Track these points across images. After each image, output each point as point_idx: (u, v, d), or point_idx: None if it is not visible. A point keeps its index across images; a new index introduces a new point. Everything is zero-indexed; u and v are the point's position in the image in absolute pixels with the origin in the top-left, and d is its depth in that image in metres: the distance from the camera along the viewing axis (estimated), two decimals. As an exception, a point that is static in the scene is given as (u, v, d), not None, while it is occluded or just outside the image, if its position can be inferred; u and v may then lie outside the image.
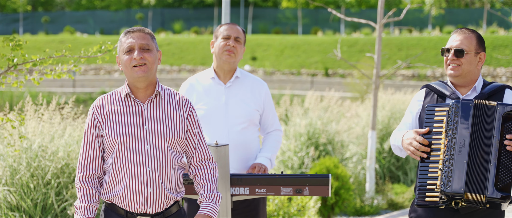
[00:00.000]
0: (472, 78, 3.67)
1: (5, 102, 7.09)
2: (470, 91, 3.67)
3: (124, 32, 3.32)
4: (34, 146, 5.73)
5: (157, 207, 3.30)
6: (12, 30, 46.53)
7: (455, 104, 3.46)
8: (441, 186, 3.40)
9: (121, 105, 3.31)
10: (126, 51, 3.27)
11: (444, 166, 3.42)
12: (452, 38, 3.68)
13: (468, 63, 3.61)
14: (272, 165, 4.40)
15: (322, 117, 8.87)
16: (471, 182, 3.37)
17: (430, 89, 3.74)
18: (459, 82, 3.68)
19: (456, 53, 3.61)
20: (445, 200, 3.42)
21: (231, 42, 4.31)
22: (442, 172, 3.41)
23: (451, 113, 3.46)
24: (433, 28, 41.16)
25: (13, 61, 4.36)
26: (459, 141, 3.41)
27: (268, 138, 4.52)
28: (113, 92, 3.36)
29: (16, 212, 5.65)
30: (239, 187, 4.01)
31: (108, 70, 35.79)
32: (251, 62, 35.23)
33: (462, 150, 3.40)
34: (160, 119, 3.31)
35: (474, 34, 3.65)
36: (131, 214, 3.30)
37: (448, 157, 3.41)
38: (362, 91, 18.61)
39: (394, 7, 40.62)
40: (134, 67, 3.24)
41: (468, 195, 3.36)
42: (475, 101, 3.45)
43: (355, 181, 8.41)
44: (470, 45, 3.62)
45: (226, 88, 4.39)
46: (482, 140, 3.41)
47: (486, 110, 3.44)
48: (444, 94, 3.66)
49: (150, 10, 47.31)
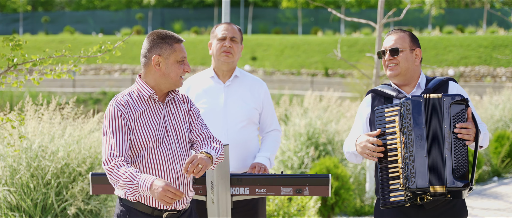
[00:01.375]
0: (412, 75, 3.72)
1: (5, 102, 7.08)
2: (415, 88, 3.72)
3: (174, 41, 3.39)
4: (34, 146, 5.73)
5: (185, 203, 3.46)
6: (12, 30, 46.54)
7: (406, 102, 3.49)
8: (405, 184, 3.43)
9: (145, 106, 3.39)
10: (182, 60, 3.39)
11: (405, 164, 3.44)
12: (386, 40, 3.75)
13: (404, 61, 3.67)
14: (271, 164, 4.40)
15: (322, 117, 8.87)
16: (433, 175, 3.40)
17: (376, 93, 3.78)
18: (400, 81, 3.72)
19: (391, 52, 3.68)
20: (410, 197, 3.46)
21: (227, 43, 4.32)
22: (403, 170, 3.44)
23: (403, 111, 3.48)
24: (433, 28, 41.16)
25: (13, 61, 4.36)
26: (416, 137, 3.44)
27: (267, 138, 4.52)
28: (129, 93, 3.40)
29: (16, 212, 5.65)
30: (239, 187, 4.01)
31: (108, 70, 35.79)
32: (251, 62, 35.23)
33: (420, 145, 3.43)
34: (178, 119, 3.46)
35: (406, 33, 3.73)
36: (159, 211, 3.37)
37: (408, 154, 3.44)
38: (362, 91, 18.61)
39: (394, 7, 40.62)
40: (182, 78, 3.43)
41: (433, 188, 3.40)
42: (424, 96, 3.48)
43: (355, 181, 8.41)
44: (404, 43, 3.69)
45: (225, 87, 4.39)
46: (435, 132, 3.45)
47: (434, 103, 3.48)
48: (391, 96, 3.71)
49: (150, 10, 47.31)
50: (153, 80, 3.38)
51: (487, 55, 30.70)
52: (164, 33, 3.39)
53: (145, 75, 3.39)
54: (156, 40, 3.37)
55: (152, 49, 3.36)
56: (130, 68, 35.72)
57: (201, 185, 4.02)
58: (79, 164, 5.77)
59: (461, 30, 38.75)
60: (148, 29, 45.88)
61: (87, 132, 6.09)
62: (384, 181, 3.53)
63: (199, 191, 4.03)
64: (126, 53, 36.31)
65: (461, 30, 38.75)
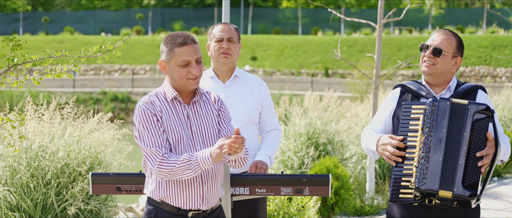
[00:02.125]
0: (444, 79, 3.71)
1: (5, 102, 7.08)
2: (444, 91, 3.71)
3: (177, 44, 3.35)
4: (34, 146, 5.73)
5: (210, 204, 3.45)
6: (12, 30, 46.55)
7: (433, 102, 3.50)
8: (416, 183, 3.43)
9: (169, 107, 3.40)
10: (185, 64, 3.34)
11: (420, 163, 3.45)
12: (433, 36, 3.71)
13: (443, 64, 3.66)
14: (271, 163, 4.41)
15: (322, 117, 8.87)
16: (443, 179, 3.41)
17: (405, 88, 3.78)
18: (432, 81, 3.72)
19: (434, 51, 3.66)
20: (419, 197, 3.46)
21: (225, 45, 4.33)
22: (417, 169, 3.45)
23: (428, 112, 3.49)
24: (433, 28, 41.16)
25: (13, 61, 4.36)
26: (436, 139, 3.45)
27: (267, 137, 4.52)
28: (155, 94, 3.44)
29: (16, 212, 5.65)
30: (239, 187, 4.01)
31: (108, 70, 35.79)
32: (251, 62, 35.23)
33: (438, 148, 3.44)
34: (205, 120, 3.45)
35: (455, 38, 3.69)
36: (183, 211, 3.40)
37: (424, 154, 3.44)
38: (362, 91, 18.61)
39: (394, 7, 40.64)
40: (189, 79, 3.36)
41: (441, 192, 3.40)
42: (452, 100, 3.49)
43: (355, 181, 8.40)
44: (450, 47, 3.66)
45: (225, 87, 4.40)
46: (454, 138, 3.45)
47: (459, 109, 3.48)
48: (419, 94, 3.71)
49: (150, 10, 47.31)
50: (172, 82, 3.42)
51: (487, 55, 30.70)
52: (169, 36, 3.38)
53: (167, 78, 3.45)
54: (162, 45, 3.41)
55: (161, 53, 3.43)
56: (130, 68, 35.72)
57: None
58: (79, 164, 5.77)
59: (461, 30, 38.75)
60: (148, 29, 45.88)
61: (87, 132, 6.09)
62: (397, 176, 3.53)
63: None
64: (126, 53, 36.31)
65: (461, 30, 38.75)
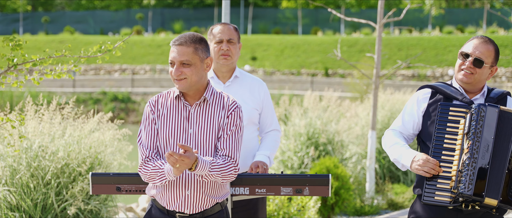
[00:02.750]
0: (480, 86, 3.69)
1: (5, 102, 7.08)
2: (478, 95, 3.68)
3: (172, 41, 3.38)
4: (34, 146, 5.73)
5: (193, 208, 3.39)
6: (12, 30, 46.53)
7: (481, 107, 3.46)
8: (460, 188, 3.39)
9: (172, 104, 3.40)
10: (170, 62, 3.36)
11: (465, 168, 3.41)
12: (473, 45, 3.63)
13: (481, 74, 3.62)
14: (270, 163, 4.40)
15: (322, 117, 8.87)
16: (490, 187, 3.39)
17: (435, 89, 3.73)
18: (467, 88, 3.68)
19: (475, 62, 3.60)
20: (459, 201, 3.43)
21: (224, 46, 4.32)
22: (461, 174, 3.41)
23: (475, 116, 3.45)
24: (433, 28, 41.16)
25: (13, 61, 4.36)
26: (483, 146, 3.41)
27: (266, 137, 4.52)
28: (168, 91, 3.46)
29: (16, 212, 5.65)
30: (239, 187, 4.01)
31: (108, 70, 35.79)
32: (251, 62, 35.22)
33: (485, 155, 3.40)
34: (206, 123, 3.38)
35: (494, 47, 3.64)
36: (171, 212, 3.41)
37: (471, 160, 3.40)
38: (362, 91, 18.61)
39: (394, 7, 40.63)
40: (175, 80, 3.34)
41: (487, 199, 3.39)
42: (501, 108, 3.46)
43: (355, 181, 8.41)
44: (489, 58, 3.62)
45: (225, 87, 4.39)
46: (502, 146, 3.44)
47: (507, 117, 3.46)
48: (453, 97, 3.65)
49: (150, 10, 47.30)
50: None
51: (487, 55, 30.63)
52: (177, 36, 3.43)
53: None
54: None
55: None
56: (130, 68, 35.71)
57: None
58: (79, 164, 5.77)
59: (461, 30, 38.75)
60: (148, 29, 45.88)
61: (87, 132, 6.09)
62: (432, 178, 3.49)
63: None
64: (126, 53, 36.31)
65: (461, 30, 38.75)
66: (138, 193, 4.06)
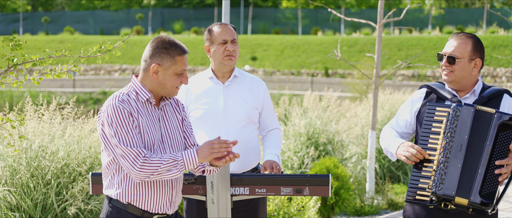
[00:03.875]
0: (467, 83, 3.68)
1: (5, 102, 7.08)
2: (469, 94, 3.69)
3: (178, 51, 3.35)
4: (34, 146, 5.73)
5: (175, 208, 3.46)
6: (12, 30, 46.55)
7: (457, 107, 3.49)
8: (433, 187, 3.45)
9: (142, 108, 3.35)
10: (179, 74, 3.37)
11: (439, 168, 3.46)
12: (448, 43, 3.69)
13: (460, 70, 3.63)
14: (279, 162, 4.41)
15: (322, 117, 8.87)
16: (461, 186, 3.41)
17: (431, 89, 3.77)
18: (454, 87, 3.71)
19: (448, 59, 3.64)
20: (434, 201, 3.48)
21: (230, 47, 4.30)
22: (435, 174, 3.46)
23: (451, 116, 3.49)
24: (433, 28, 41.17)
25: (13, 61, 4.36)
26: (456, 145, 3.45)
27: (269, 136, 4.51)
28: (128, 92, 3.34)
29: (16, 212, 5.65)
30: (239, 187, 4.01)
31: (108, 70, 35.80)
32: (251, 62, 35.23)
33: (458, 154, 3.44)
34: (172, 124, 3.45)
35: (470, 40, 3.64)
36: (149, 214, 3.36)
37: (444, 159, 3.45)
38: (362, 91, 18.61)
39: (394, 7, 40.63)
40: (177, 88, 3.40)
41: (457, 199, 3.42)
42: (476, 107, 3.47)
43: (355, 181, 8.40)
44: (464, 51, 3.62)
45: (224, 87, 4.39)
46: (476, 146, 3.45)
47: (484, 117, 3.47)
48: (444, 97, 3.70)
49: (150, 10, 47.31)
50: (150, 85, 3.34)
51: (487, 55, 30.70)
52: (169, 42, 3.30)
53: (143, 79, 3.35)
54: (159, 48, 3.29)
55: (153, 56, 3.30)
56: (130, 68, 35.73)
57: (201, 185, 4.01)
58: (79, 164, 5.77)
59: (461, 30, 38.75)
60: (148, 29, 45.88)
61: (87, 132, 6.09)
62: (415, 177, 3.55)
63: (199, 191, 4.02)
64: (126, 53, 36.32)
65: (461, 30, 38.75)
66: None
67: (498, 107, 3.63)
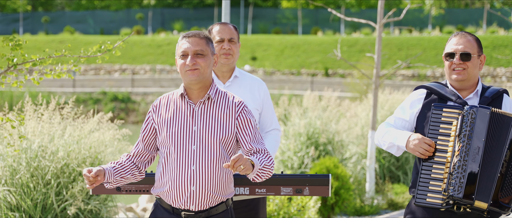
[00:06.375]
0: (474, 81, 3.66)
1: (5, 102, 7.08)
2: (472, 94, 3.65)
3: (181, 36, 3.44)
4: (34, 146, 5.73)
5: (199, 205, 3.39)
6: (12, 30, 46.53)
7: (472, 110, 3.45)
8: (450, 191, 3.39)
9: (174, 106, 3.43)
10: (181, 55, 3.40)
11: (455, 171, 3.40)
12: (453, 42, 3.64)
13: (473, 67, 3.60)
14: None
15: (321, 117, 8.87)
16: (480, 190, 3.38)
17: (430, 90, 3.71)
18: (463, 86, 3.65)
19: (462, 57, 3.58)
20: (450, 204, 3.43)
21: (226, 45, 4.30)
22: (452, 177, 3.40)
23: (466, 119, 3.44)
24: (433, 28, 41.17)
25: (13, 61, 4.36)
26: (474, 148, 3.40)
27: (266, 137, 4.51)
28: (173, 92, 3.49)
29: (16, 212, 5.65)
30: (239, 187, 4.01)
31: (108, 70, 35.79)
32: (251, 62, 35.22)
33: (476, 157, 3.39)
34: (210, 120, 3.40)
35: (473, 37, 3.65)
36: (177, 210, 3.42)
37: (461, 163, 3.40)
38: (362, 91, 18.61)
39: (394, 7, 40.61)
40: (187, 71, 3.37)
41: (477, 202, 3.38)
42: (492, 110, 3.44)
43: (355, 181, 8.41)
44: (473, 48, 3.60)
45: (225, 87, 4.38)
46: (494, 149, 3.42)
47: (501, 120, 3.44)
48: (447, 97, 3.63)
49: (150, 10, 47.30)
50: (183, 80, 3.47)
51: (487, 55, 30.66)
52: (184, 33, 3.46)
53: None
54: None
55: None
56: (130, 68, 35.72)
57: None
58: (79, 164, 5.77)
59: (461, 30, 38.74)
60: (148, 29, 45.89)
61: (87, 132, 6.09)
62: (424, 180, 3.49)
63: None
64: (126, 53, 36.32)
65: (461, 30, 38.74)
66: (138, 193, 4.06)
67: (500, 107, 3.61)
